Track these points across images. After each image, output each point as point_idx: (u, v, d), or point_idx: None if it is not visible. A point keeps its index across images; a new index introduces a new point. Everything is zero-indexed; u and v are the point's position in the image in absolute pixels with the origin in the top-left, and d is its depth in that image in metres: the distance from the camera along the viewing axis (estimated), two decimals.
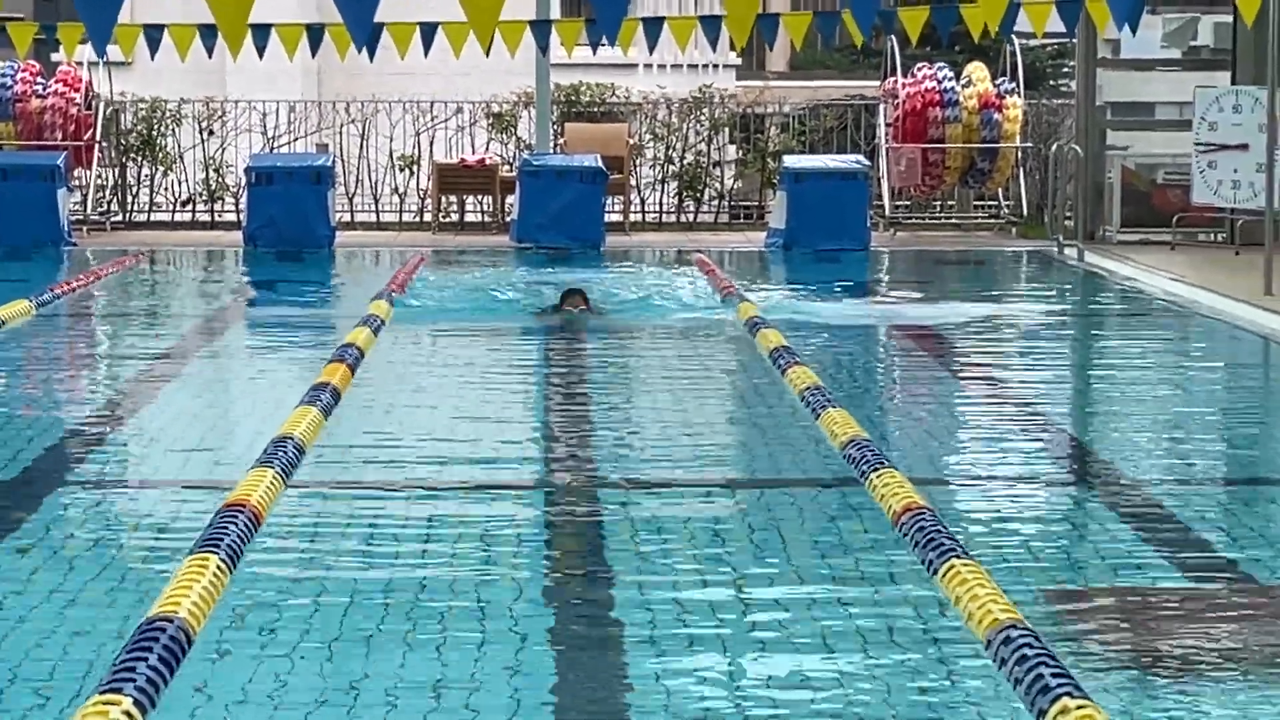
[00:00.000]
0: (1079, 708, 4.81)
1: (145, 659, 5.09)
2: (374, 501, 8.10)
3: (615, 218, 22.55)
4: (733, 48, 24.17)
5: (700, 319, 14.39)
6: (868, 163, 21.72)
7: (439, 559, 7.05)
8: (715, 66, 30.72)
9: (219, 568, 6.15)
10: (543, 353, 12.97)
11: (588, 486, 8.47)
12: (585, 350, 12.77)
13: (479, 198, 23.73)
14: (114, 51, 22.02)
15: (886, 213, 22.68)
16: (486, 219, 23.48)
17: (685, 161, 24.28)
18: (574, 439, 9.61)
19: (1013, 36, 23.07)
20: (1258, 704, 5.41)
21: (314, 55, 20.38)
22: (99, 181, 23.15)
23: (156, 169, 23.97)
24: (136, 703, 4.80)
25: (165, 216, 23.87)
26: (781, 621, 6.17)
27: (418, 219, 23.78)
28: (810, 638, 5.99)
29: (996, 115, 22.19)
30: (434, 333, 13.64)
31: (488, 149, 24.12)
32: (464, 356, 12.63)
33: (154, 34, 17.49)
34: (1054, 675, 5.05)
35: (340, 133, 24.14)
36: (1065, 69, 34.77)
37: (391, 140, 24.11)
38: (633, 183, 23.64)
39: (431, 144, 24.13)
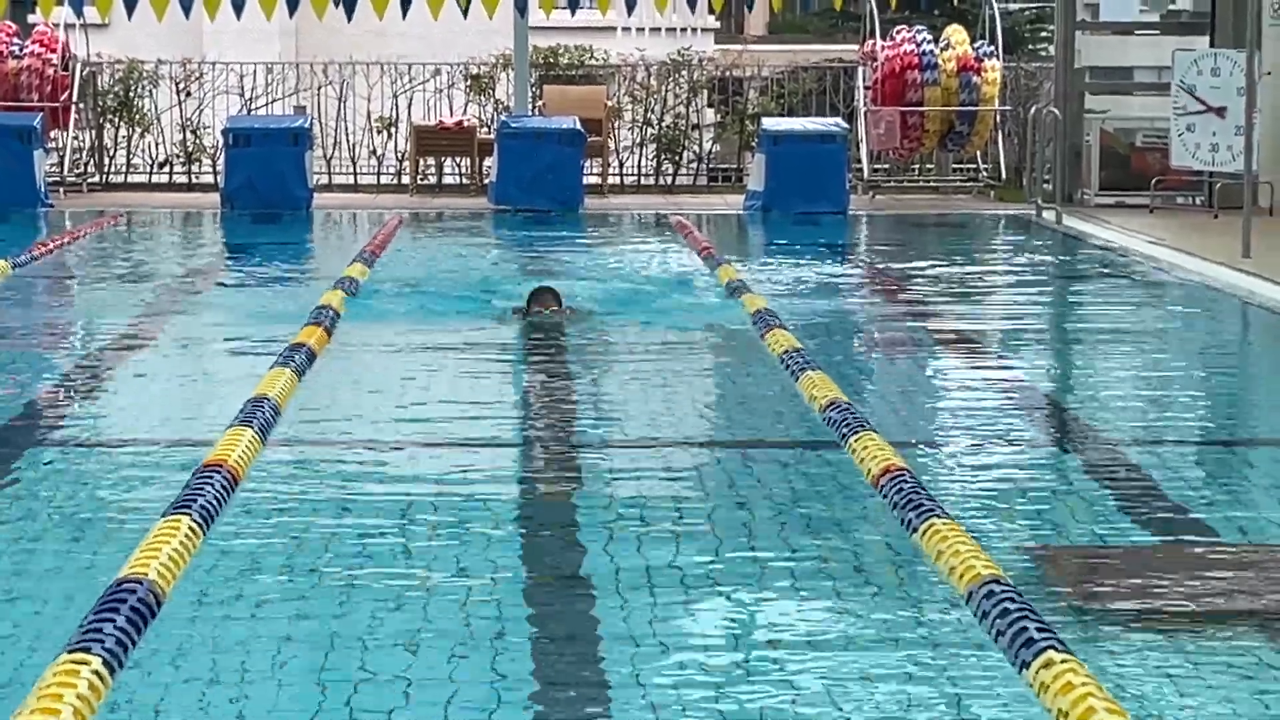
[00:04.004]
0: (1063, 661, 4.82)
1: (113, 619, 5.08)
2: (351, 459, 8.08)
3: (594, 180, 22.52)
4: (711, 10, 24.11)
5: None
6: (846, 125, 21.69)
7: (418, 515, 7.04)
8: (694, 30, 30.64)
9: (191, 529, 6.14)
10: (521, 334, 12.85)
11: (565, 445, 8.47)
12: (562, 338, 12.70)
13: (457, 160, 23.67)
14: (91, 12, 22.04)
15: (865, 176, 22.66)
16: (465, 181, 23.43)
17: (664, 124, 24.24)
18: (551, 400, 9.62)
19: (992, 0, 23.07)
20: (1227, 658, 5.43)
21: (291, 16, 20.34)
22: (76, 143, 23.04)
23: (133, 131, 23.88)
24: (105, 663, 4.78)
25: (142, 178, 23.79)
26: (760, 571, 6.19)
27: (395, 181, 23.73)
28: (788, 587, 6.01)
29: (975, 78, 22.16)
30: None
31: (466, 111, 24.07)
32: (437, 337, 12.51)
33: None
34: (1038, 629, 5.06)
35: (318, 94, 24.06)
36: (1044, 32, 34.73)
37: (369, 102, 24.03)
38: (611, 145, 23.59)
39: (409, 106, 24.06)
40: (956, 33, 22.75)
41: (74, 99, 22.50)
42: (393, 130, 24.02)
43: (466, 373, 10.48)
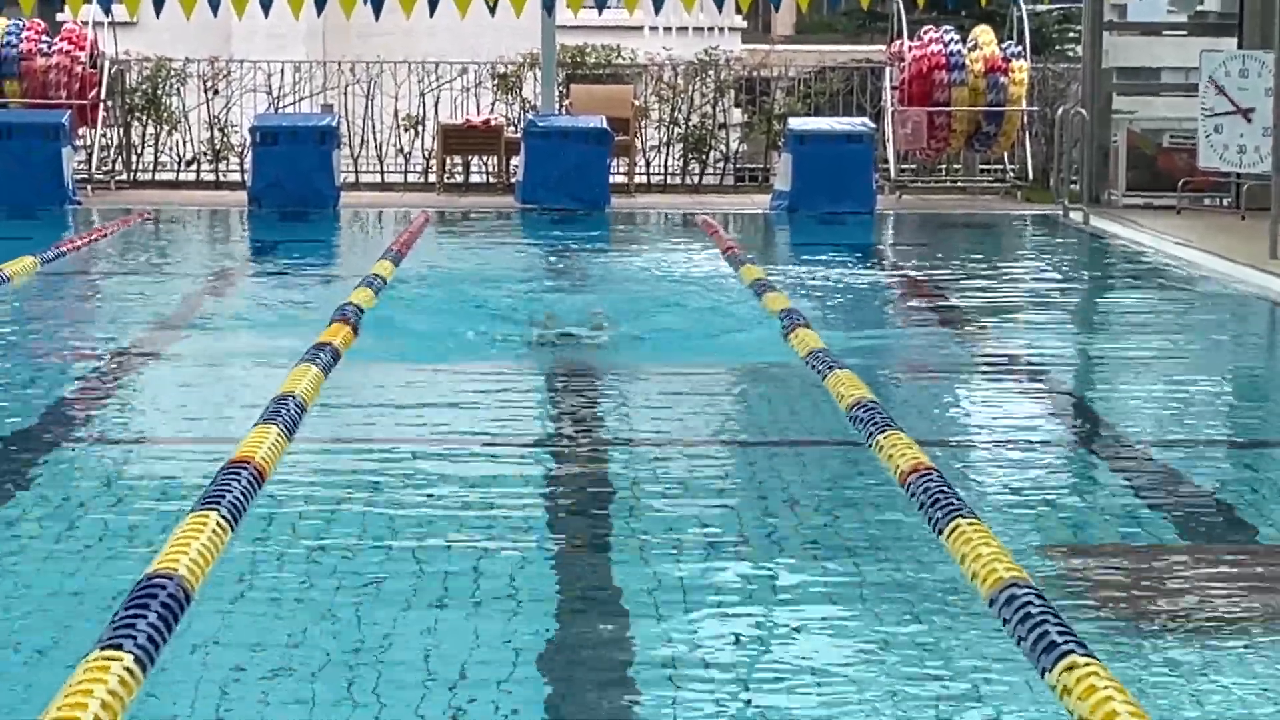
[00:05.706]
0: (1084, 664, 4.81)
1: (145, 615, 5.09)
2: (377, 457, 8.10)
3: (620, 179, 22.52)
4: (738, 10, 24.08)
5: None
6: (873, 125, 21.67)
7: (442, 513, 7.05)
8: (721, 29, 30.64)
9: (219, 525, 6.15)
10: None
11: (593, 444, 8.48)
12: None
13: (484, 159, 23.69)
14: (119, 10, 22.11)
15: (892, 176, 22.64)
16: (491, 180, 23.45)
17: (690, 124, 24.24)
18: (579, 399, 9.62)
19: (1019, 0, 23.04)
20: (1259, 664, 5.41)
21: (319, 14, 20.37)
22: (104, 140, 23.10)
23: (161, 128, 23.94)
24: (137, 659, 4.78)
25: (170, 176, 23.83)
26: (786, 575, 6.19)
27: (422, 180, 23.75)
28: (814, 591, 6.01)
29: (1002, 79, 22.13)
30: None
31: (493, 110, 24.08)
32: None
33: None
34: (1059, 633, 5.05)
35: (345, 93, 24.08)
36: (1072, 33, 34.66)
37: (396, 101, 24.06)
38: (638, 145, 23.60)
39: (437, 105, 24.09)
40: (984, 33, 22.72)
41: (102, 97, 22.57)
42: (420, 129, 24.05)
43: (495, 372, 10.49)
